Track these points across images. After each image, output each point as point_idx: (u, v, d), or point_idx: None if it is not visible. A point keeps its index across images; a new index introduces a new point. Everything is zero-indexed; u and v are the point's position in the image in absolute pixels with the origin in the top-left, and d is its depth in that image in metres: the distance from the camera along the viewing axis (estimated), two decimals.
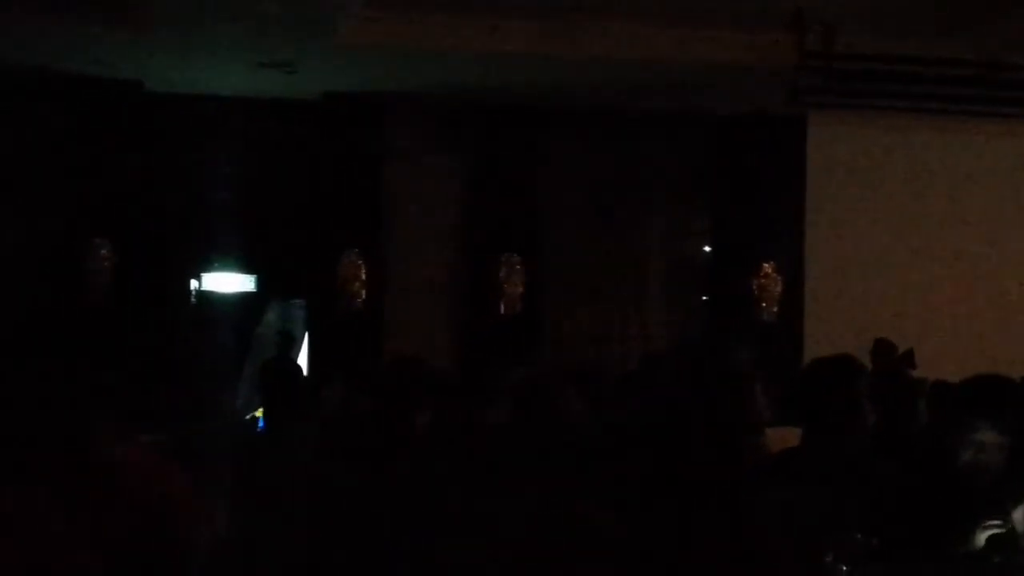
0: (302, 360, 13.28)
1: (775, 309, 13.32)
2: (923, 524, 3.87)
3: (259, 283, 13.41)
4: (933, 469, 4.11)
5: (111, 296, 12.42)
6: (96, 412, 3.26)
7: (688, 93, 12.41)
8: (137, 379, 5.16)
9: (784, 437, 4.65)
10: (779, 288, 13.37)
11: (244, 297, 13.37)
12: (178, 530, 3.05)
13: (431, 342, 12.30)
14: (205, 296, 13.23)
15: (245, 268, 13.32)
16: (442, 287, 13.37)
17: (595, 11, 10.96)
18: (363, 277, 13.06)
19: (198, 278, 13.25)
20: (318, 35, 10.69)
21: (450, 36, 10.95)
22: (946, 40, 11.33)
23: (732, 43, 11.19)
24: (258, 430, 11.60)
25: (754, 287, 13.39)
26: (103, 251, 12.48)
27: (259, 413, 11.99)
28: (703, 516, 3.12)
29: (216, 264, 13.17)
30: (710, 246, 14.00)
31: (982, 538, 3.83)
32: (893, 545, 3.64)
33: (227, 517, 5.15)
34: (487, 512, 3.44)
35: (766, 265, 13.39)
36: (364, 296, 13.04)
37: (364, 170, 13.15)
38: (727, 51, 11.22)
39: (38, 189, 12.26)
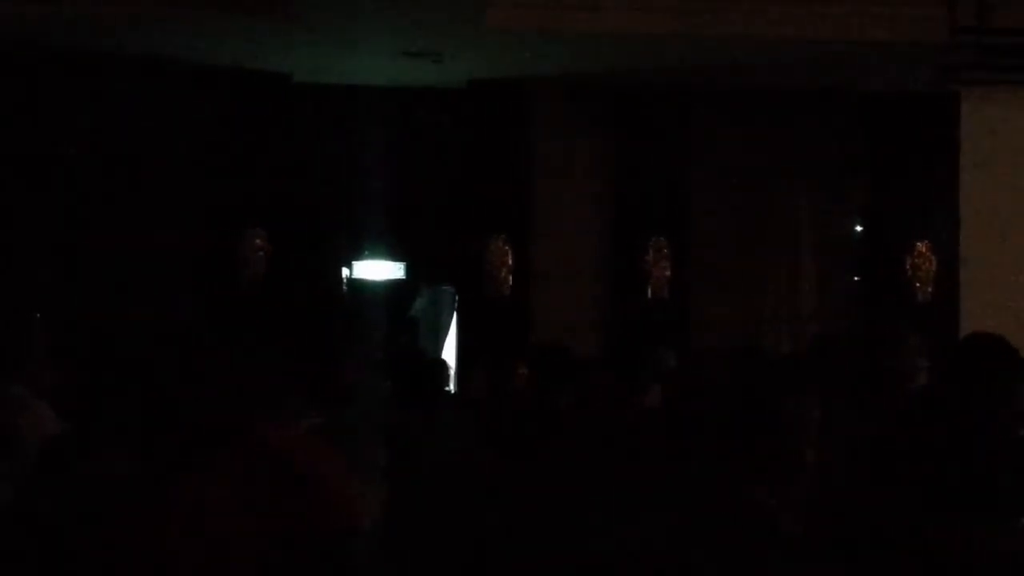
0: (450, 346, 13.38)
1: (930, 289, 13.03)
2: None
3: (409, 270, 13.55)
4: None
5: (266, 285, 12.67)
6: (256, 399, 3.31)
7: (838, 70, 12.20)
8: (293, 366, 5.24)
9: None
10: (934, 268, 13.07)
11: (394, 284, 13.52)
12: (339, 513, 3.10)
13: (578, 327, 12.29)
14: (357, 284, 13.41)
15: (395, 256, 13.47)
16: (589, 272, 13.34)
17: None
18: (510, 263, 13.10)
19: (349, 266, 13.43)
20: (463, 22, 10.74)
21: (595, 18, 10.91)
22: None
23: (883, 18, 10.98)
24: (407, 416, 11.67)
25: (908, 267, 13.11)
26: (257, 241, 12.73)
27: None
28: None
29: (367, 252, 13.35)
30: (862, 226, 13.74)
31: None
32: None
33: (382, 500, 5.22)
34: (641, 495, 3.43)
35: (920, 244, 13.10)
36: (511, 282, 13.09)
37: (510, 156, 13.18)
38: (878, 27, 11.01)
39: (193, 181, 12.55)
